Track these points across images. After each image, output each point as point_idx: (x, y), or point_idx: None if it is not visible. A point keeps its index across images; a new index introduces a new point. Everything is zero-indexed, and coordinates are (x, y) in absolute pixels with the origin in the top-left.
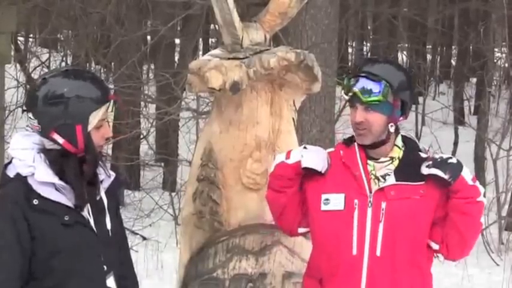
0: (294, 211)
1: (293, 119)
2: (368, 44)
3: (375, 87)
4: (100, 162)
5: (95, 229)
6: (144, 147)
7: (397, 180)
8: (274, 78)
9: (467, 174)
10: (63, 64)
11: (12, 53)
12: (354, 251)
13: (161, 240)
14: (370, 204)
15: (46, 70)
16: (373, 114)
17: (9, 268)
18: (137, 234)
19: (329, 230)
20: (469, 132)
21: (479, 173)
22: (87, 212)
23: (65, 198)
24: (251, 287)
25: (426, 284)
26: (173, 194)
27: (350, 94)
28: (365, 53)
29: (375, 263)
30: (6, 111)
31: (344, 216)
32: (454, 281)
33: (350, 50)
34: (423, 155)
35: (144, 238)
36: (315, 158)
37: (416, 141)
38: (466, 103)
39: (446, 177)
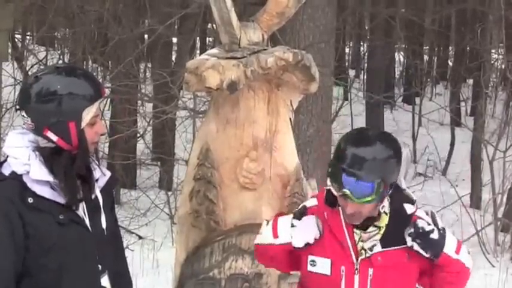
0: (286, 267)
1: (290, 118)
2: (365, 44)
3: (366, 189)
4: (95, 161)
5: (90, 228)
6: (140, 146)
7: (383, 247)
8: (271, 78)
9: (451, 247)
10: (61, 62)
11: (10, 50)
12: None
13: (157, 240)
14: (356, 272)
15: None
16: (365, 206)
17: (1, 264)
18: (133, 233)
19: None
20: (465, 133)
21: (476, 174)
22: (82, 211)
23: (60, 197)
24: (247, 286)
25: None
26: (169, 193)
27: (340, 194)
28: (362, 52)
29: None
30: (3, 109)
31: (331, 281)
32: None
33: (347, 49)
34: (409, 208)
35: (140, 237)
36: (305, 234)
37: (402, 187)
38: (462, 104)
39: (427, 256)
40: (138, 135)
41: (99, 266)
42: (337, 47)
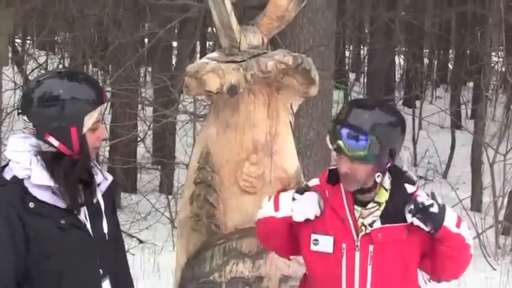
0: (285, 248)
1: (290, 122)
2: (365, 48)
3: (360, 141)
4: (96, 165)
5: (91, 233)
6: (141, 150)
7: (382, 224)
8: (271, 82)
9: (451, 220)
10: (61, 66)
11: (10, 55)
12: None
13: (158, 243)
14: (357, 248)
15: (43, 72)
16: (358, 165)
17: (1, 264)
18: (134, 237)
19: (320, 270)
20: (466, 136)
21: (476, 177)
22: (83, 216)
23: (62, 202)
24: None
25: None
26: (170, 197)
27: (335, 146)
28: (362, 56)
29: None
30: (4, 114)
31: (333, 259)
32: (450, 285)
33: (347, 53)
34: (410, 188)
35: (141, 241)
36: (306, 208)
37: (404, 169)
38: (463, 107)
39: (427, 229)
40: (139, 139)
41: (100, 271)
42: (337, 51)
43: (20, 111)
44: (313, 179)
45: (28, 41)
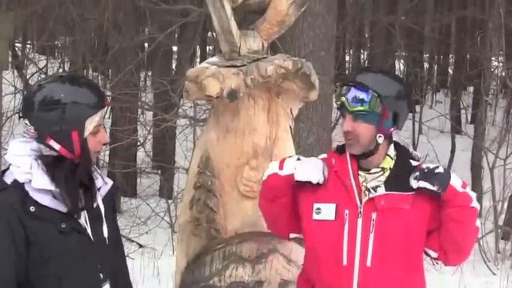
0: (286, 219)
1: (290, 126)
2: (365, 52)
3: (362, 97)
4: (97, 169)
5: (91, 237)
6: (141, 154)
7: (387, 190)
8: (271, 86)
9: (457, 181)
10: (61, 71)
11: (10, 59)
12: (345, 262)
13: (158, 248)
14: (360, 215)
15: (43, 76)
16: (360, 124)
17: (3, 268)
18: (133, 241)
19: (320, 239)
20: (466, 141)
21: (476, 181)
22: (84, 220)
23: (62, 206)
24: None
25: None
26: (170, 201)
27: (339, 103)
28: (362, 60)
29: (365, 273)
30: (4, 118)
31: (335, 226)
32: None
33: (347, 57)
34: (414, 163)
35: (141, 245)
36: (309, 170)
37: (409, 147)
38: (463, 112)
39: (434, 189)
40: (139, 143)
41: (101, 275)
42: (337, 55)
43: (21, 115)
44: (321, 155)
45: (28, 45)
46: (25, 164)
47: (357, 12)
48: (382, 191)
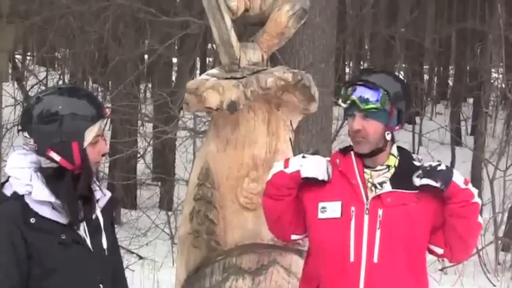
0: (289, 219)
1: (290, 138)
2: (365, 64)
3: (372, 95)
4: (95, 181)
5: (91, 248)
6: (140, 166)
7: (393, 188)
8: (271, 98)
9: (459, 178)
10: (61, 82)
11: (10, 71)
12: (352, 258)
13: (158, 260)
14: (367, 212)
15: (43, 88)
16: (370, 122)
17: (4, 280)
18: (133, 253)
19: (326, 237)
20: (465, 153)
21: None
22: (83, 231)
23: (62, 217)
24: None
25: None
26: (170, 213)
27: (348, 102)
28: None
29: (372, 269)
30: (4, 129)
31: (341, 223)
32: None
33: (347, 69)
34: (416, 163)
35: (141, 257)
36: (315, 167)
37: (409, 151)
38: (463, 123)
39: (437, 185)
40: (139, 155)
41: (101, 286)
42: (337, 67)
43: (20, 128)
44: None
45: (28, 57)
46: (25, 176)
47: (356, 24)
48: (388, 187)
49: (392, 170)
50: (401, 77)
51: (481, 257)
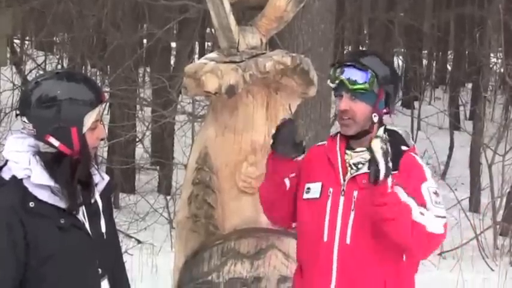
0: (286, 206)
1: None
2: (364, 49)
3: (361, 75)
4: (94, 165)
5: (90, 232)
6: (139, 150)
7: (369, 169)
8: (270, 82)
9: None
10: (59, 67)
11: (8, 55)
12: (325, 238)
13: (156, 244)
14: (343, 193)
15: (41, 72)
16: (358, 103)
17: (2, 279)
18: (132, 237)
19: (306, 217)
20: (464, 137)
21: (475, 178)
22: (82, 216)
23: (61, 202)
24: None
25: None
26: (168, 197)
27: (337, 82)
28: None
29: (344, 250)
30: (2, 114)
31: (319, 204)
32: (449, 286)
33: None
34: (404, 148)
35: (139, 241)
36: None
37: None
38: (461, 108)
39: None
40: (137, 139)
41: (99, 270)
42: (336, 52)
43: (18, 112)
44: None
45: (27, 42)
46: (24, 160)
47: (355, 9)
48: (364, 169)
49: None
50: (391, 60)
51: (479, 241)
